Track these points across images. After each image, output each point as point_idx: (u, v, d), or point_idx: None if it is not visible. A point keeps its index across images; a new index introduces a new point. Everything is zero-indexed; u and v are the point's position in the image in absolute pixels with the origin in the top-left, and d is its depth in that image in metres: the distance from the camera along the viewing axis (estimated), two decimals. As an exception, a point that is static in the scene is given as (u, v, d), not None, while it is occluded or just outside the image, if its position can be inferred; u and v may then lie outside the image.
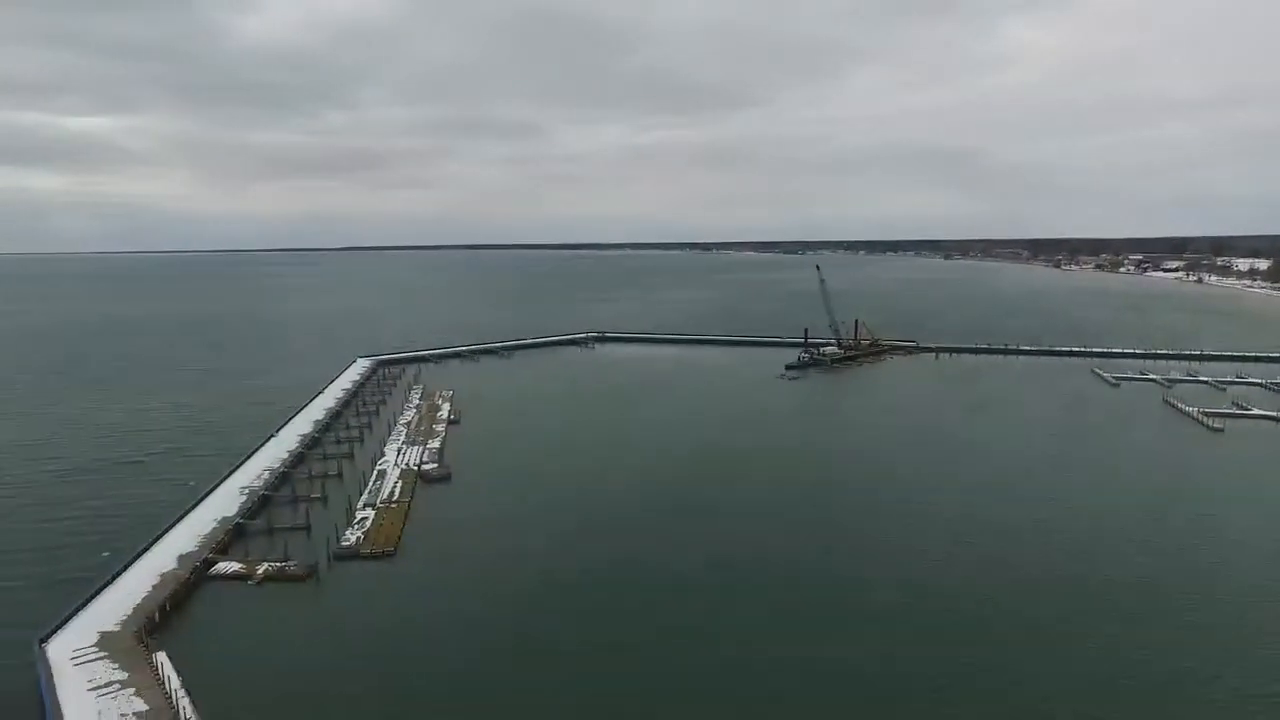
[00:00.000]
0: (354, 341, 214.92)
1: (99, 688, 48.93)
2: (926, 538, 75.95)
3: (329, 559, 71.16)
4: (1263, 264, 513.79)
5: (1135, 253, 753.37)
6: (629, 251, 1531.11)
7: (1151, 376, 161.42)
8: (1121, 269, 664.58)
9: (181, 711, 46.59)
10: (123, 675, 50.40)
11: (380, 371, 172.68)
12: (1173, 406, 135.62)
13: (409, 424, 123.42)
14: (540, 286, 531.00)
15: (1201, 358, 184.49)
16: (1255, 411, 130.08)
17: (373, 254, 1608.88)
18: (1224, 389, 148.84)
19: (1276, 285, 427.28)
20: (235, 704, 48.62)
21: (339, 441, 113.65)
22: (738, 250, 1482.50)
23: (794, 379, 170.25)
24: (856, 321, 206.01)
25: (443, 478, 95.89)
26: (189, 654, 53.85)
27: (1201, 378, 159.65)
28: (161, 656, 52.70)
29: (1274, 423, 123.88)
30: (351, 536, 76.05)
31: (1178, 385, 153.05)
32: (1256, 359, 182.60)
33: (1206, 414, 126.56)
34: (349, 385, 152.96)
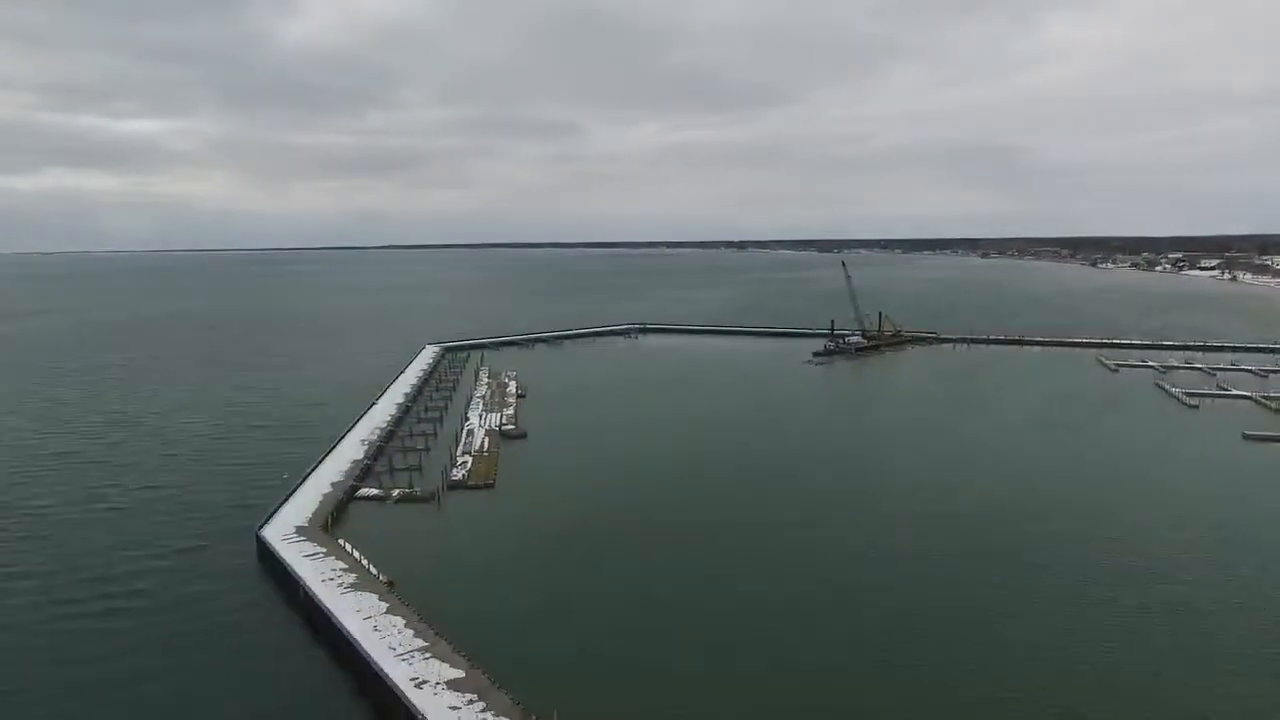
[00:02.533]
0: (419, 331, 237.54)
1: (308, 555, 69.57)
2: (909, 496, 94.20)
3: (444, 488, 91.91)
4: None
5: (1176, 251, 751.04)
6: (665, 250, 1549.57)
7: (1150, 363, 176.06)
8: (1158, 268, 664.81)
9: (369, 569, 67.13)
10: (322, 550, 71.07)
11: (448, 357, 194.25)
12: (1161, 389, 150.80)
13: (483, 397, 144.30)
14: (580, 283, 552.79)
15: (1201, 348, 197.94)
16: (1232, 392, 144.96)
17: (413, 252, 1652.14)
18: (1213, 374, 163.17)
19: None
20: (400, 572, 68.81)
21: (427, 410, 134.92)
22: (772, 248, 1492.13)
23: (820, 364, 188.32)
24: (880, 314, 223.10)
25: (520, 435, 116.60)
26: (360, 542, 74.43)
27: (1196, 365, 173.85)
28: (342, 541, 73.62)
29: (1248, 400, 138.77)
30: (458, 474, 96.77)
31: (1171, 371, 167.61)
32: (1249, 349, 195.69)
33: (1188, 394, 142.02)
34: (424, 368, 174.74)
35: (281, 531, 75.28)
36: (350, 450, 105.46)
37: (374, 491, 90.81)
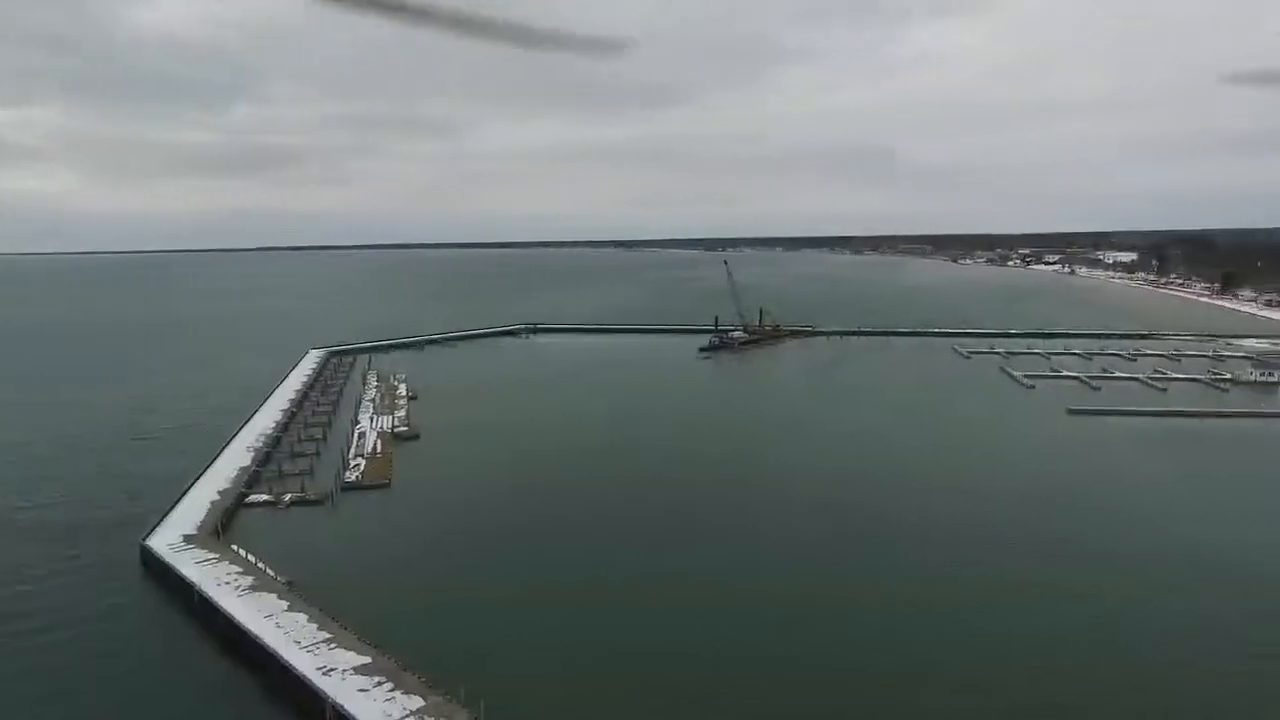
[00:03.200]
0: (301, 336, 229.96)
1: (200, 562, 69.33)
2: (790, 482, 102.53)
3: (338, 490, 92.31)
4: (1125, 257, 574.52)
5: (1026, 247, 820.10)
6: (559, 249, 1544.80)
7: (997, 350, 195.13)
8: (1010, 262, 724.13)
9: (266, 572, 67.74)
10: (214, 556, 70.86)
11: (333, 361, 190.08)
12: (1005, 372, 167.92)
13: (373, 400, 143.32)
14: (471, 284, 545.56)
15: (1039, 335, 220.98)
16: (1065, 373, 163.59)
17: (291, 254, 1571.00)
18: (1049, 358, 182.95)
19: (1132, 277, 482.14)
20: (299, 572, 69.71)
21: (314, 414, 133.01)
22: (662, 248, 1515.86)
23: (706, 359, 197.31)
24: (760, 310, 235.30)
25: (414, 436, 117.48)
26: (254, 547, 74.45)
27: (1035, 350, 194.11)
28: (235, 546, 73.49)
29: (1075, 380, 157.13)
30: (351, 476, 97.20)
31: (1014, 357, 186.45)
32: (1078, 335, 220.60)
33: (1026, 376, 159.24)
34: (309, 372, 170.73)
35: (168, 540, 74.26)
36: (235, 457, 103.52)
37: (264, 497, 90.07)
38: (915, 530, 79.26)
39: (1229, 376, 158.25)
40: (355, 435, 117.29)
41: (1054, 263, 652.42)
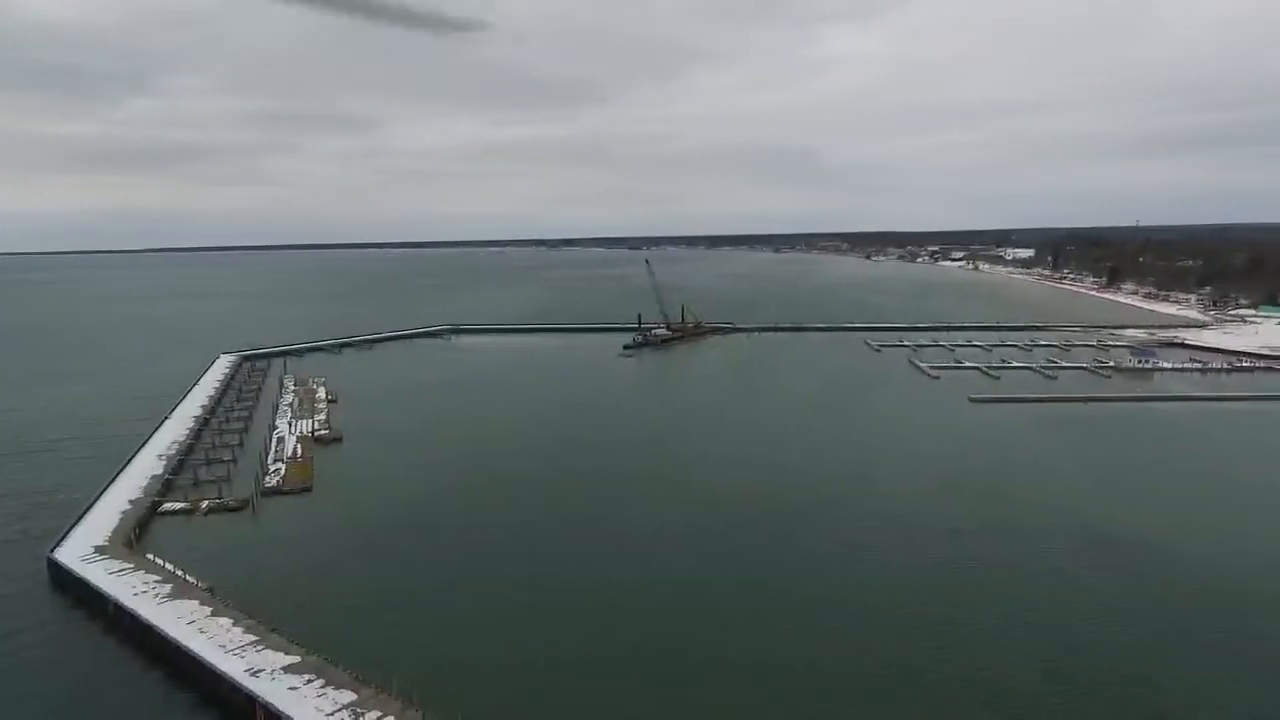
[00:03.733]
0: (211, 340, 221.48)
1: (114, 573, 67.47)
2: (712, 476, 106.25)
3: (258, 495, 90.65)
4: (1024, 254, 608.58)
5: (934, 245, 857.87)
6: (482, 249, 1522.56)
7: (905, 343, 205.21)
8: (919, 259, 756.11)
9: (186, 579, 66.53)
10: (129, 566, 69.04)
11: (246, 365, 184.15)
12: (913, 364, 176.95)
13: (291, 404, 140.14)
14: (392, 284, 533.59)
15: (945, 328, 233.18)
16: (967, 364, 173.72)
17: (195, 255, 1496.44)
18: (953, 350, 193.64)
19: (1029, 272, 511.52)
20: (220, 578, 68.63)
21: (229, 420, 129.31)
22: (586, 247, 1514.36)
23: (629, 356, 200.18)
24: (683, 307, 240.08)
25: (335, 439, 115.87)
26: (171, 555, 72.76)
27: (941, 343, 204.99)
28: (151, 555, 71.70)
29: (976, 370, 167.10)
30: (272, 481, 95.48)
31: (922, 349, 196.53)
32: (979, 328, 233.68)
33: (932, 367, 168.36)
34: (220, 378, 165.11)
35: (78, 552, 71.88)
36: (146, 466, 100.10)
37: (180, 505, 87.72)
38: (826, 516, 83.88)
39: (1111, 364, 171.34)
40: (274, 440, 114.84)
41: (959, 259, 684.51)
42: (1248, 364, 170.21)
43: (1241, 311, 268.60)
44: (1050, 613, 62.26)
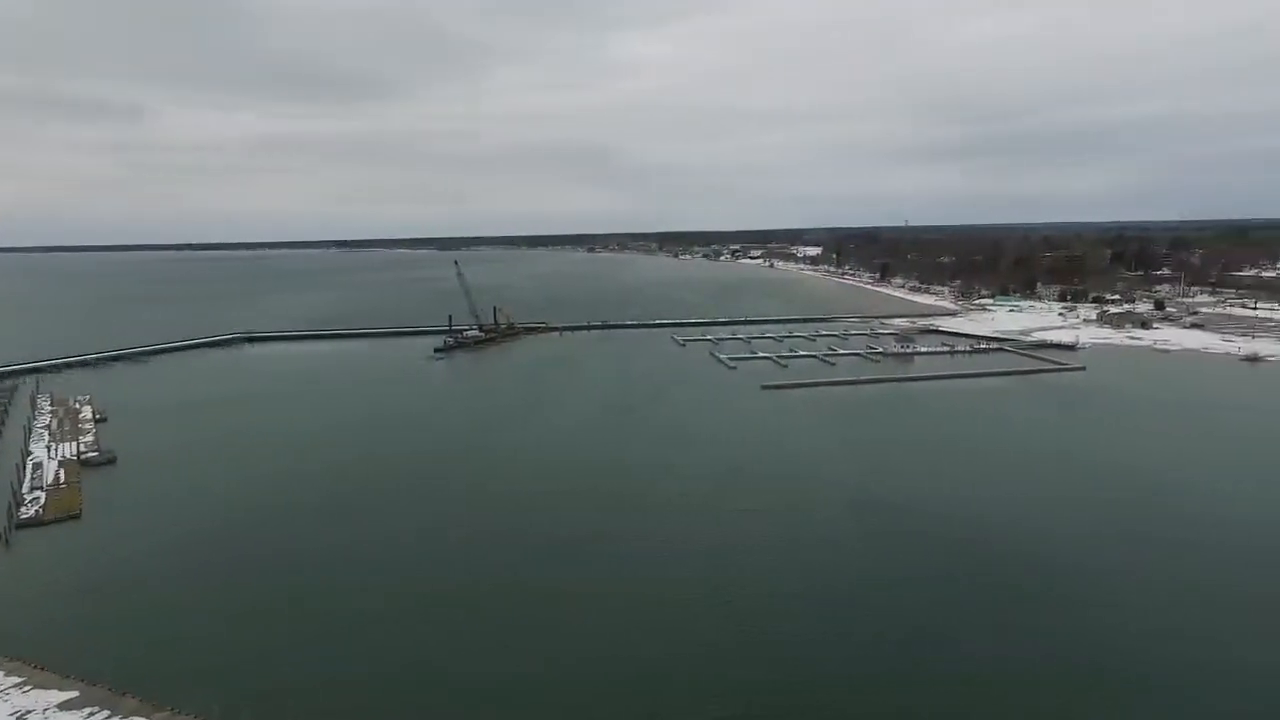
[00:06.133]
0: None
1: None
2: (526, 480, 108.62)
3: (11, 528, 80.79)
4: (812, 251, 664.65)
5: (735, 243, 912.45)
6: (270, 251, 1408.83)
7: (708, 337, 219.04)
8: (722, 257, 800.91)
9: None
10: None
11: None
12: (714, 357, 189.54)
13: (49, 426, 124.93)
14: (168, 291, 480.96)
15: (743, 322, 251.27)
16: (761, 355, 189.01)
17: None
18: (749, 342, 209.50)
19: (817, 269, 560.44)
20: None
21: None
22: (390, 247, 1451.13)
23: (440, 359, 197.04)
24: (495, 308, 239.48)
25: (107, 461, 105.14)
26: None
27: (739, 336, 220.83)
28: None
29: (769, 360, 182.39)
30: (29, 511, 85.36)
31: (722, 342, 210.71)
32: (772, 321, 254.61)
33: (731, 359, 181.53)
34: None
35: None
36: None
37: (-91, 548, 76.34)
38: (627, 507, 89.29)
39: (880, 350, 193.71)
40: (29, 466, 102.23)
41: (758, 257, 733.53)
42: (985, 347, 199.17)
43: (983, 301, 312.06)
44: (824, 575, 71.16)
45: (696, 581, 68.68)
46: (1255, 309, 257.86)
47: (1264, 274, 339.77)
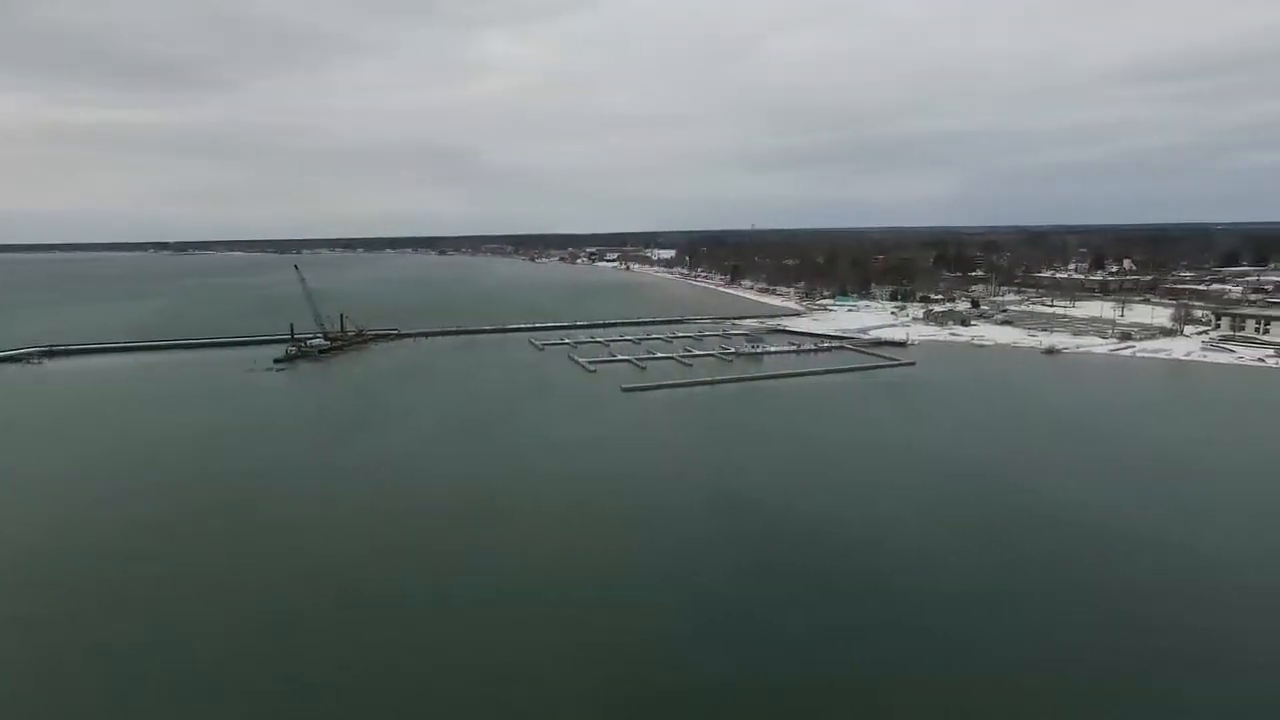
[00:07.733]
0: None
1: None
2: (370, 496, 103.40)
3: None
4: (666, 254, 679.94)
5: (592, 246, 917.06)
6: (83, 254, 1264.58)
7: (566, 340, 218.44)
8: (579, 260, 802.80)
9: None
10: None
11: None
12: (572, 360, 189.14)
13: None
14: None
15: (601, 325, 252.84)
16: (620, 357, 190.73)
17: None
18: (608, 345, 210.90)
19: (672, 271, 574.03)
20: None
21: None
22: (220, 249, 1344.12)
23: (281, 370, 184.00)
24: (341, 315, 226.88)
25: None
26: None
27: (597, 339, 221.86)
28: None
29: (628, 363, 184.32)
30: None
31: (580, 345, 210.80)
32: (630, 324, 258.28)
33: (590, 362, 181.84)
34: None
35: None
36: None
37: None
38: (483, 517, 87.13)
39: (733, 350, 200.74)
40: None
41: (614, 260, 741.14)
42: (828, 345, 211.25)
43: (824, 302, 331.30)
44: (683, 569, 72.42)
45: (542, 588, 67.91)
46: (1052, 306, 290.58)
47: (1058, 275, 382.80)
